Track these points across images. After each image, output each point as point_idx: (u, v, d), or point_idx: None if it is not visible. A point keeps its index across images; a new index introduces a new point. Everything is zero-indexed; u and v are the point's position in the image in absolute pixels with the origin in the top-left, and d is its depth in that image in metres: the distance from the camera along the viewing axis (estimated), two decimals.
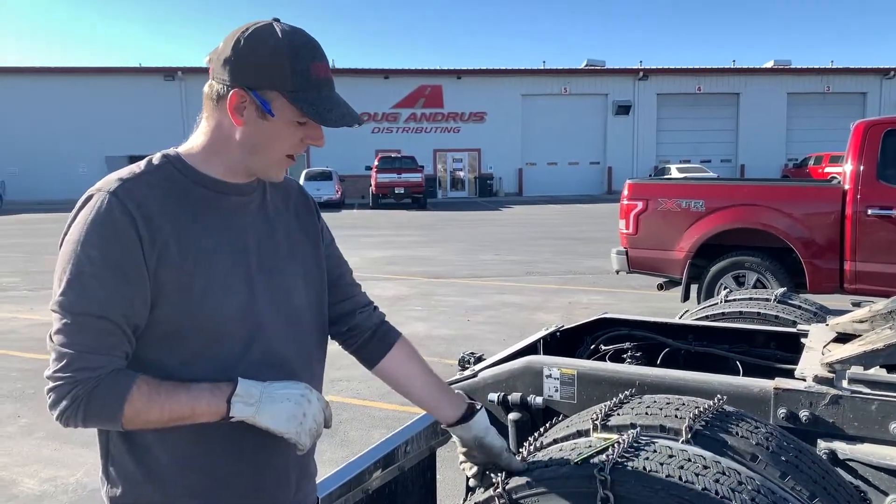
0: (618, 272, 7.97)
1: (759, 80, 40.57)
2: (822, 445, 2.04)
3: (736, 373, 2.91)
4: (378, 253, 14.64)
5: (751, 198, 7.09)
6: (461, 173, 39.43)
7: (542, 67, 40.26)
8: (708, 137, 40.37)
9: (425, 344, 7.11)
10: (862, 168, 6.53)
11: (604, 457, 1.59)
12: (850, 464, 2.00)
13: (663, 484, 1.51)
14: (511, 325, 7.88)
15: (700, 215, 7.17)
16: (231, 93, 1.32)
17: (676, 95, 40.27)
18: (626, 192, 7.63)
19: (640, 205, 7.48)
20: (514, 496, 1.63)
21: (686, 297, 7.26)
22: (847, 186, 6.60)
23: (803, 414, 2.10)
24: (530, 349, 3.11)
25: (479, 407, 1.70)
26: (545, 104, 39.54)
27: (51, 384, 1.26)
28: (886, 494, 1.95)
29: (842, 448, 2.02)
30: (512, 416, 2.46)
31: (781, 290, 3.49)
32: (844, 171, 6.70)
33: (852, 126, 6.76)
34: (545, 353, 3.14)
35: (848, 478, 1.99)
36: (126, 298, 1.26)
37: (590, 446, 1.70)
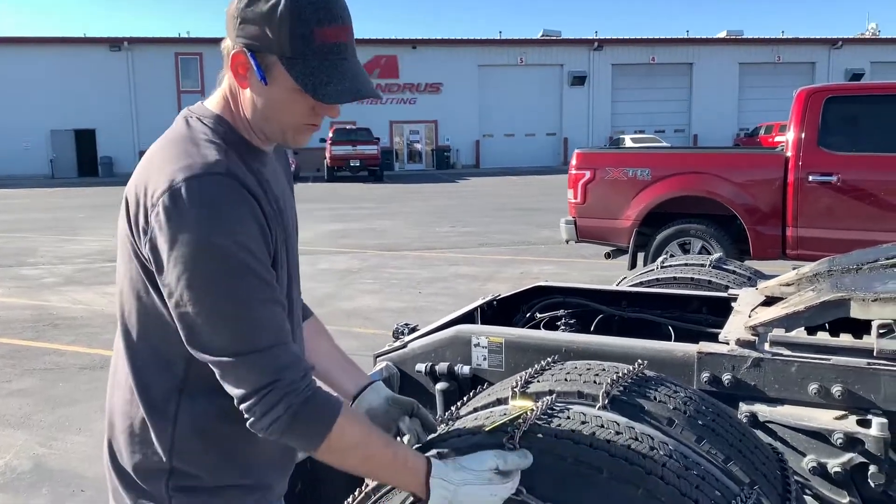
0: (567, 241, 7.99)
1: (712, 50, 40.96)
2: (744, 408, 2.04)
3: (670, 338, 2.92)
4: (332, 226, 14.48)
5: (696, 166, 7.15)
6: (418, 145, 39.20)
7: (499, 38, 40.06)
8: (662, 108, 40.74)
9: (375, 317, 7.06)
10: (804, 135, 6.60)
11: (515, 425, 1.56)
12: (770, 426, 2.01)
13: (573, 450, 1.48)
14: (462, 297, 7.85)
15: (646, 184, 7.20)
16: (233, 52, 1.21)
17: (631, 66, 40.46)
18: (574, 162, 7.63)
19: (587, 174, 7.48)
20: None
21: (633, 265, 7.31)
22: (789, 154, 6.68)
23: (726, 377, 2.09)
24: (467, 319, 3.07)
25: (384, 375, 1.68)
26: (501, 75, 39.39)
27: (255, 397, 1.17)
28: (804, 455, 1.96)
29: (762, 410, 2.02)
30: (439, 386, 2.42)
31: (717, 255, 3.50)
32: (787, 138, 6.78)
33: (795, 94, 6.83)
34: (483, 323, 3.11)
35: (767, 440, 1.99)
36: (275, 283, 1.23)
37: (504, 414, 1.66)
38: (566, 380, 1.84)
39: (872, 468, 1.86)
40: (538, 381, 1.88)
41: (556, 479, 1.46)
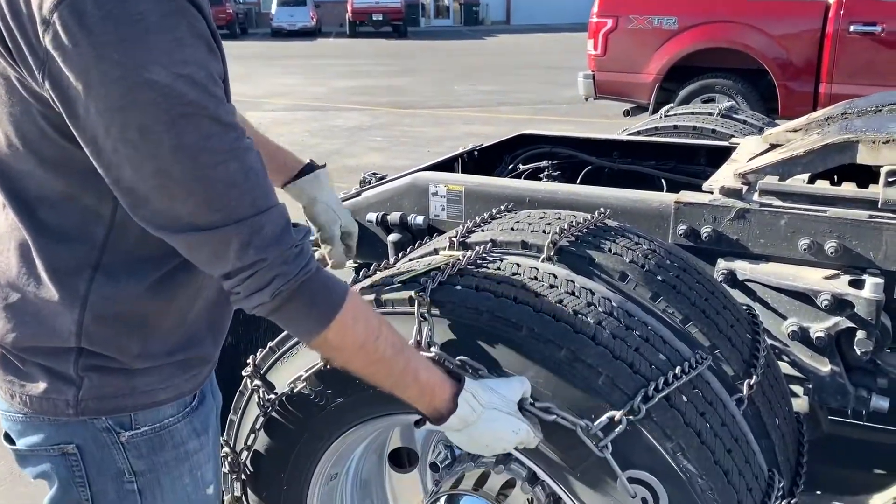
0: (586, 98, 7.54)
1: None
2: (722, 265, 1.80)
3: (662, 191, 2.64)
4: (348, 83, 13.98)
5: (727, 14, 6.54)
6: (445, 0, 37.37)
7: None
8: None
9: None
10: None
11: (430, 275, 1.33)
12: (750, 285, 1.77)
13: (492, 304, 1.26)
14: None
15: (672, 34, 6.65)
16: None
17: None
18: (595, 9, 7.03)
19: (609, 22, 6.91)
20: None
21: None
22: (832, 0, 6.05)
23: (705, 230, 1.84)
24: (445, 169, 2.80)
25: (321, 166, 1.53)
26: None
27: (236, 278, 0.93)
28: (785, 318, 1.73)
29: (742, 268, 1.78)
30: (391, 237, 2.20)
31: (727, 103, 3.14)
32: None
33: None
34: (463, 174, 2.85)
35: (745, 300, 1.76)
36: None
37: (428, 264, 1.44)
38: (513, 229, 1.60)
39: (860, 334, 1.62)
40: (482, 230, 1.65)
41: (470, 334, 1.25)
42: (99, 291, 0.99)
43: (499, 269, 1.38)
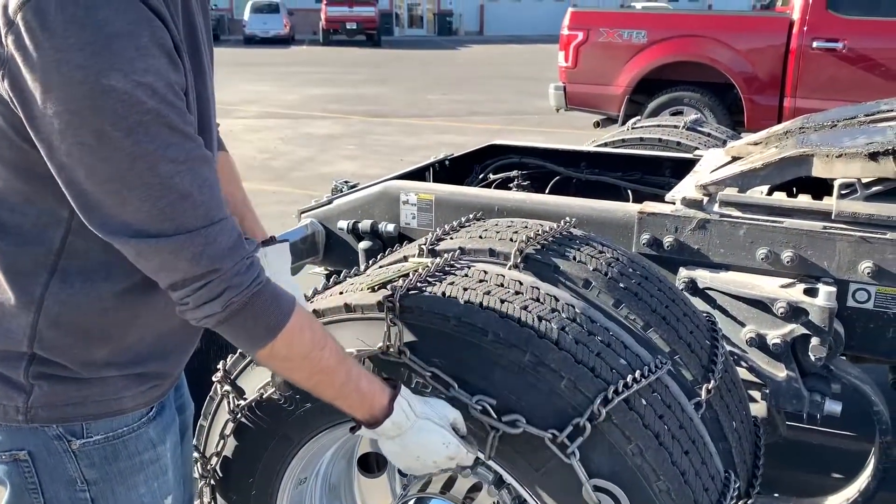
0: (557, 110, 7.62)
1: None
2: (683, 274, 1.85)
3: (628, 201, 2.70)
4: (320, 91, 13.96)
5: (694, 28, 6.68)
6: (419, 9, 37.48)
7: None
8: None
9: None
10: None
11: (401, 282, 1.36)
12: (710, 293, 1.83)
13: (459, 310, 1.29)
14: None
15: (641, 47, 6.76)
16: None
17: None
18: (566, 22, 7.13)
19: (580, 35, 7.00)
20: None
21: None
22: (795, 17, 6.21)
23: (667, 240, 1.89)
24: (416, 178, 2.84)
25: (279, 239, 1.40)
26: None
27: (187, 289, 0.94)
28: (743, 325, 1.79)
29: (703, 276, 1.83)
30: (362, 244, 2.23)
31: (693, 117, 3.22)
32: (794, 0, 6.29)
33: None
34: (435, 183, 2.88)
35: (705, 308, 1.82)
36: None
37: (398, 271, 1.47)
38: (481, 237, 1.64)
39: (814, 340, 1.69)
40: (451, 238, 1.68)
41: (438, 340, 1.28)
42: (55, 296, 0.99)
43: (466, 275, 1.42)
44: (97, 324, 1.02)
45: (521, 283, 1.39)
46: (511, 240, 1.59)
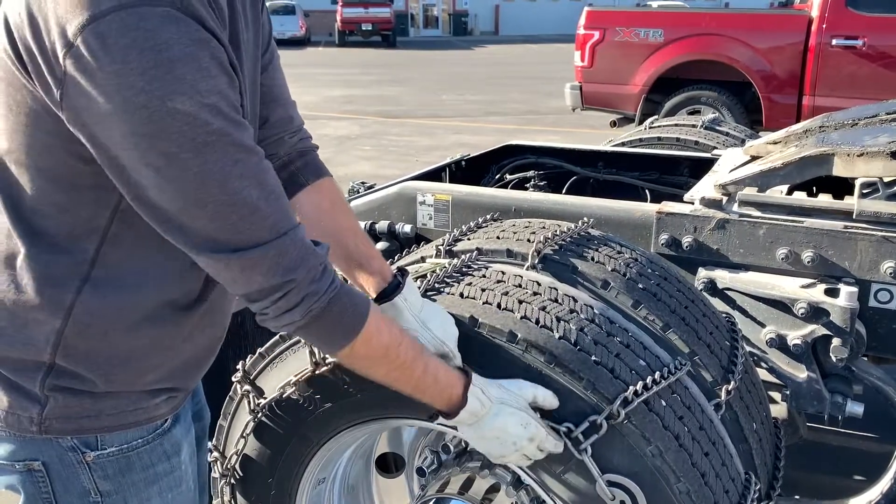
0: (573, 109, 7.60)
1: None
2: (702, 274, 1.84)
3: (645, 201, 2.69)
4: (336, 92, 14.01)
5: (712, 27, 6.62)
6: (434, 10, 37.50)
7: None
8: None
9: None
10: None
11: (419, 283, 1.37)
12: (729, 293, 1.81)
13: (478, 311, 1.29)
14: None
15: (658, 46, 6.72)
16: None
17: None
18: (582, 21, 7.10)
19: (596, 35, 6.98)
20: None
21: None
22: (814, 14, 6.15)
23: (686, 240, 1.88)
24: (433, 179, 2.84)
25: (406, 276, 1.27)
26: None
27: (265, 301, 0.95)
28: (763, 326, 1.77)
29: (722, 277, 1.82)
30: (379, 245, 2.23)
31: (711, 116, 3.20)
32: None
33: None
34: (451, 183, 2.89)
35: (725, 309, 1.81)
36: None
37: (415, 272, 1.47)
38: (498, 237, 1.64)
39: (836, 341, 1.67)
40: (468, 239, 1.68)
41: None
42: (85, 304, 0.99)
43: (484, 276, 1.42)
44: (123, 341, 1.02)
45: (539, 284, 1.39)
46: (528, 240, 1.59)
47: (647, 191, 2.73)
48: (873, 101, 6.18)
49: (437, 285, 1.37)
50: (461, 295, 1.34)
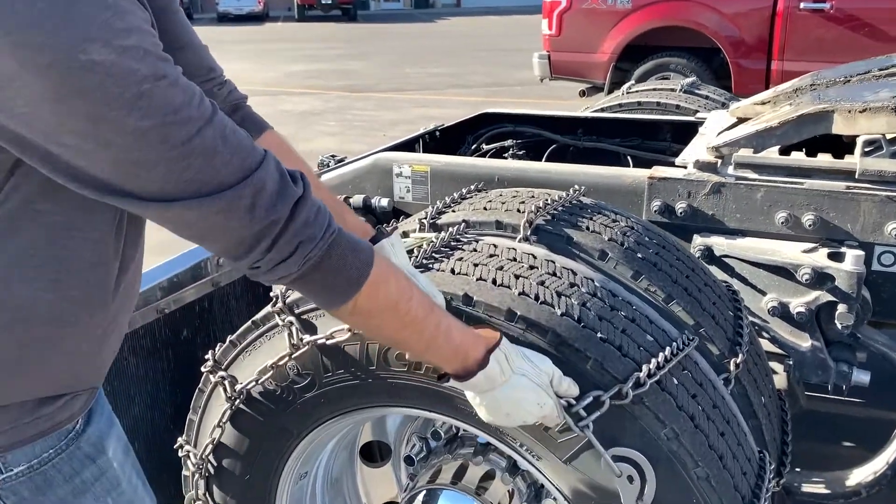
0: (541, 79, 7.48)
1: None
2: (698, 241, 1.75)
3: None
4: (297, 67, 13.70)
5: None
6: None
7: None
8: None
9: None
10: None
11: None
12: (727, 261, 1.72)
13: (471, 288, 1.18)
14: None
15: (626, 13, 6.62)
16: None
17: None
18: None
19: (564, 2, 6.86)
20: (297, 310, 1.29)
21: None
22: None
23: (680, 206, 1.78)
24: (406, 150, 2.71)
25: (388, 231, 1.19)
26: None
27: (254, 254, 0.81)
28: (764, 294, 1.69)
29: (719, 243, 1.73)
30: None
31: (689, 79, 3.11)
32: None
33: None
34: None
35: (723, 277, 1.72)
36: None
37: None
38: (486, 208, 1.52)
39: (841, 307, 1.59)
40: (453, 211, 1.57)
41: None
42: None
43: (475, 250, 1.31)
44: (13, 343, 0.84)
45: (534, 257, 1.28)
46: (519, 210, 1.48)
47: (629, 157, 2.63)
48: (844, 64, 6.12)
49: (424, 261, 1.26)
50: (452, 271, 1.22)
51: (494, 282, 1.19)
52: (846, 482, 1.74)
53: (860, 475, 1.72)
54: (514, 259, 1.27)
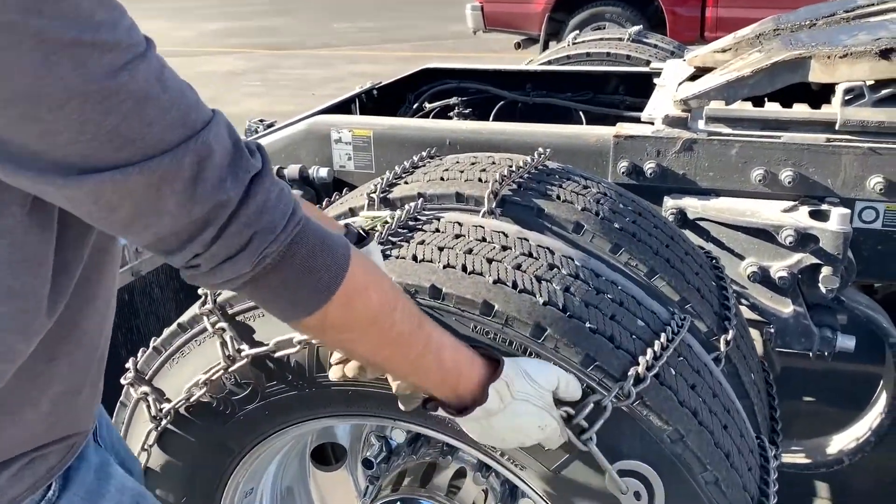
0: (474, 32, 7.27)
1: None
2: (670, 204, 1.62)
3: (581, 124, 2.44)
4: (215, 25, 13.05)
5: None
6: None
7: None
8: None
9: None
10: None
11: None
12: (702, 224, 1.60)
13: (439, 279, 1.01)
14: None
15: None
16: None
17: None
18: None
19: None
20: (230, 310, 1.10)
21: None
22: None
23: (649, 166, 1.64)
24: (342, 112, 2.49)
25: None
26: None
27: (194, 244, 0.61)
28: (743, 258, 1.57)
29: (693, 205, 1.60)
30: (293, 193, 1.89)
31: (636, 28, 2.96)
32: None
33: None
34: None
35: (698, 241, 1.59)
36: None
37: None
38: (443, 179, 1.35)
39: (825, 270, 1.49)
40: (405, 183, 1.38)
41: None
42: None
43: (438, 230, 1.13)
44: None
45: (505, 236, 1.12)
46: (480, 180, 1.31)
47: (581, 113, 2.48)
48: (780, 11, 6.11)
49: (380, 246, 1.07)
50: (414, 258, 1.05)
51: (465, 268, 1.02)
52: (827, 450, 1.67)
53: (841, 442, 1.65)
54: (484, 239, 1.10)
